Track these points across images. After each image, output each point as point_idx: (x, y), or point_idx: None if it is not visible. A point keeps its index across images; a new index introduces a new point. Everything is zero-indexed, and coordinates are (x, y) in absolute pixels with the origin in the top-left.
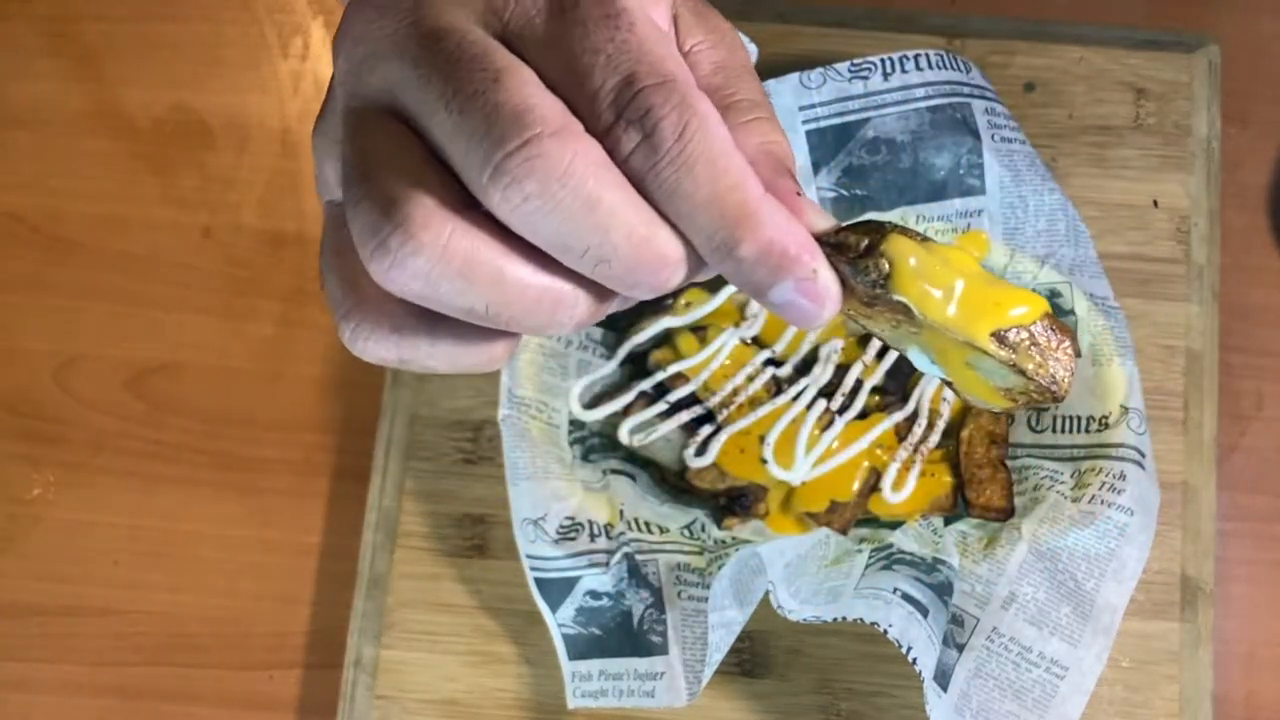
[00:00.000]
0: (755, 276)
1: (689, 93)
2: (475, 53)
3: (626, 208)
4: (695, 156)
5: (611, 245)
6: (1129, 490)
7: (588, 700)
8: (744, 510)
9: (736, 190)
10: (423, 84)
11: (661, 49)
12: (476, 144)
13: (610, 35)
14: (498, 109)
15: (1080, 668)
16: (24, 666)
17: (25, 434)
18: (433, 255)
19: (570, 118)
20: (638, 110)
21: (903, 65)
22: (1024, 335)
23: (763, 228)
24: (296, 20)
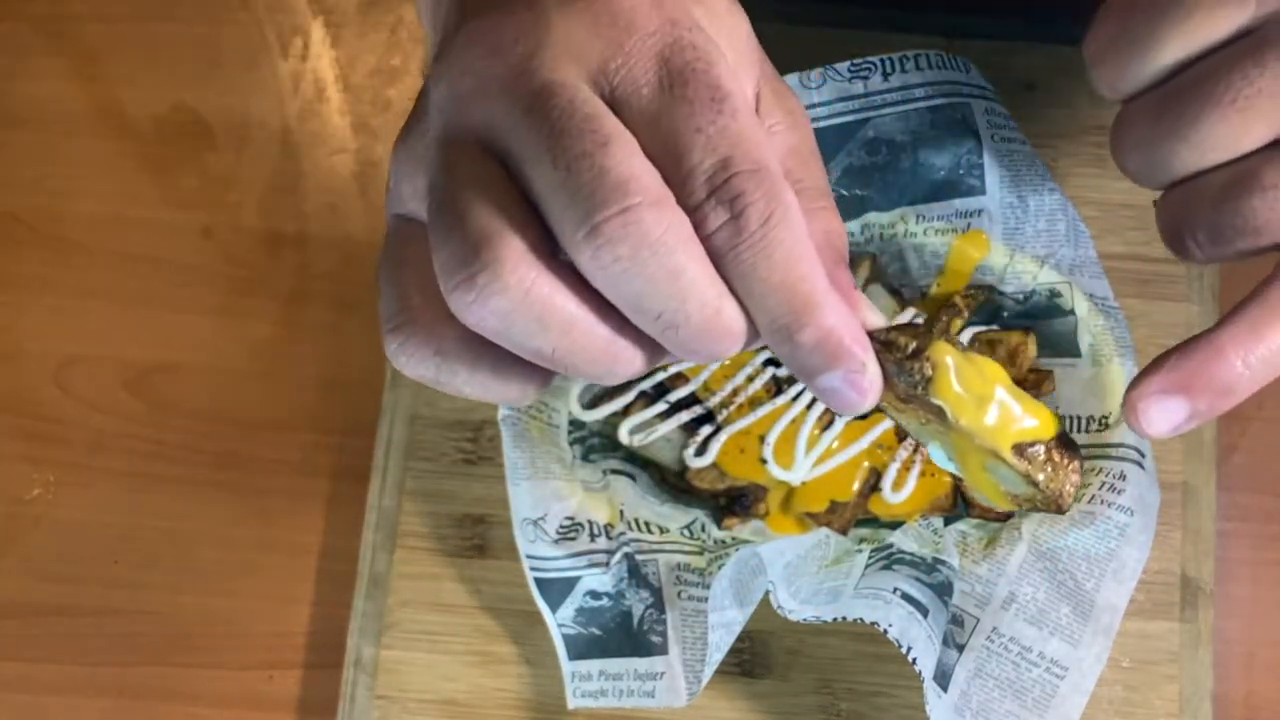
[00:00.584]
0: (809, 361)
1: (777, 182)
2: (587, 113)
3: (704, 280)
4: (775, 243)
5: (685, 313)
6: (1129, 490)
7: (587, 700)
8: (744, 510)
9: (806, 280)
10: (531, 132)
11: (758, 136)
12: (579, 202)
13: (713, 118)
14: (604, 173)
15: (1080, 668)
16: (23, 666)
17: (25, 434)
18: (515, 298)
19: (666, 190)
20: (729, 192)
21: (903, 65)
22: (1040, 450)
23: (825, 319)
24: (296, 20)
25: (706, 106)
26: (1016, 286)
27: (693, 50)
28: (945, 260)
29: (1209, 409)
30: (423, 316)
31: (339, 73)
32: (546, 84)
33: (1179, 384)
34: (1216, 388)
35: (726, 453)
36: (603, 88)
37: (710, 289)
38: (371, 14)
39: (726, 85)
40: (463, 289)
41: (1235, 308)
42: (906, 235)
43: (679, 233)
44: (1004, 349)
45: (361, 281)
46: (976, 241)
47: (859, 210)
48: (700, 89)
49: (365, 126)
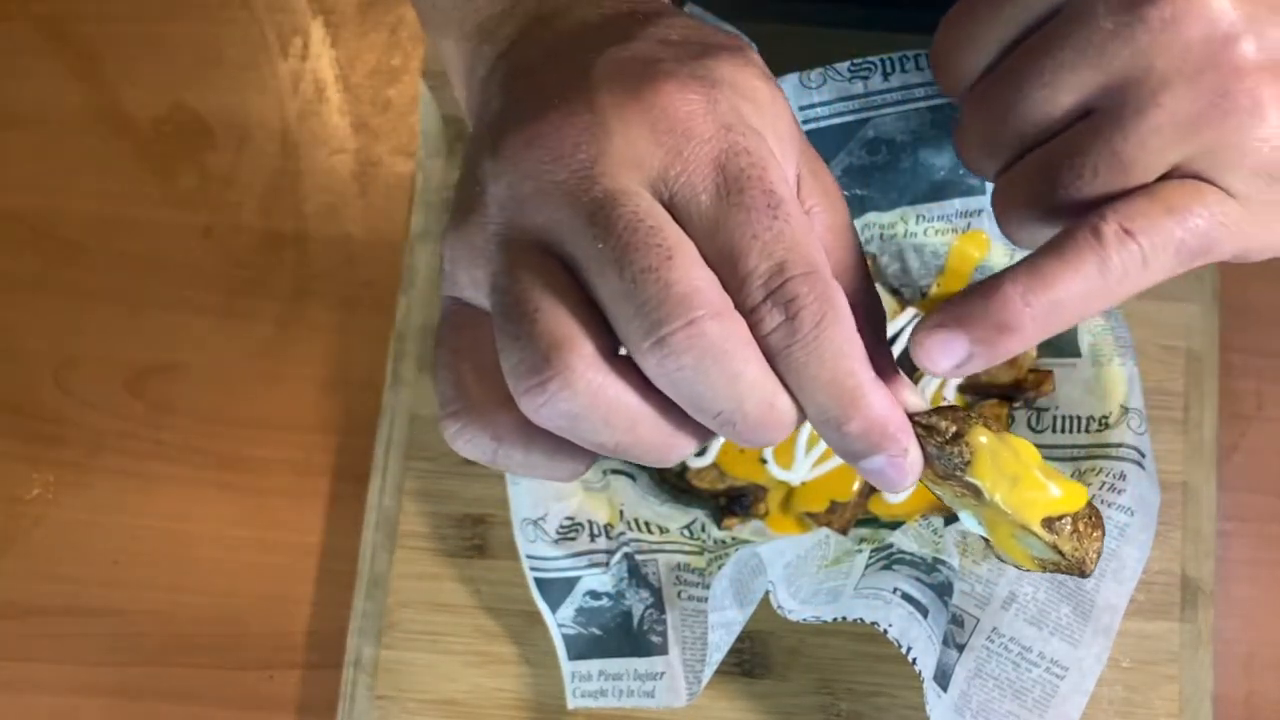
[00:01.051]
0: (855, 448)
1: (829, 285)
2: (651, 225)
3: (760, 380)
4: (826, 344)
5: (744, 412)
6: (1129, 490)
7: (587, 700)
8: (744, 510)
9: (853, 375)
10: (596, 243)
11: (810, 239)
12: (646, 315)
13: (768, 224)
14: (669, 288)
15: (1080, 668)
16: (24, 666)
17: (25, 434)
18: (584, 402)
19: (726, 299)
20: (784, 296)
21: (903, 65)
22: (1067, 523)
23: (871, 411)
24: (296, 20)
25: (762, 213)
26: None
27: (746, 156)
28: (945, 260)
29: (990, 347)
30: (480, 404)
31: (339, 72)
32: (610, 193)
33: (957, 319)
34: (993, 323)
35: (726, 453)
36: (662, 194)
37: (765, 386)
38: (371, 14)
39: (779, 190)
40: (534, 393)
41: (1031, 254)
42: (907, 235)
43: (738, 339)
44: None
45: (361, 281)
46: (977, 241)
47: (859, 210)
48: (756, 195)
49: (365, 126)
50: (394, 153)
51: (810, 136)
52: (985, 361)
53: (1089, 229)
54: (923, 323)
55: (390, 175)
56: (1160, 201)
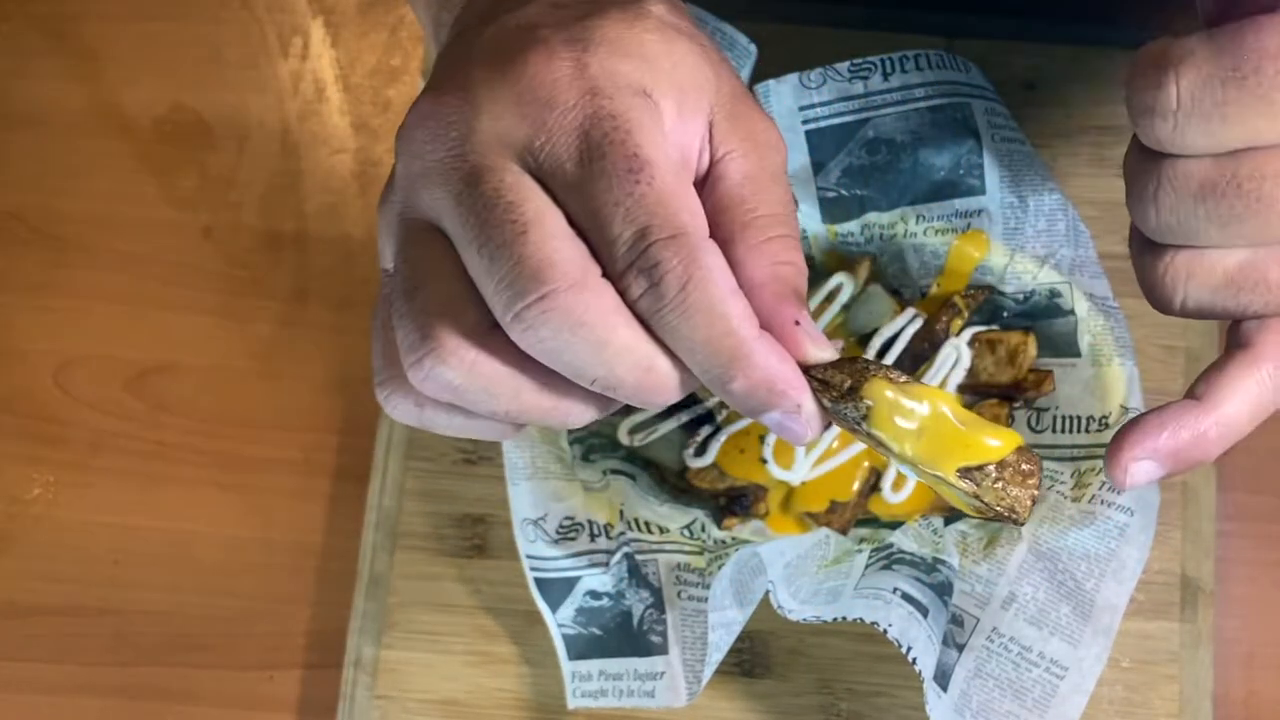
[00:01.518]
0: (745, 405)
1: (696, 246)
2: (509, 200)
3: (631, 344)
4: (694, 306)
5: (618, 377)
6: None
7: (587, 700)
8: (744, 510)
9: (730, 336)
10: (461, 222)
11: (677, 201)
12: (502, 290)
13: (629, 189)
14: (521, 262)
15: (1080, 668)
16: (24, 666)
17: (25, 434)
18: (460, 375)
19: (588, 267)
20: (647, 261)
21: (903, 65)
22: (989, 471)
23: (753, 369)
24: (296, 20)
25: (623, 178)
26: (1016, 286)
27: (610, 120)
28: (945, 260)
29: (1180, 472)
30: (404, 373)
31: (339, 72)
32: (473, 170)
33: (1166, 455)
34: (1194, 461)
35: (726, 453)
36: (530, 165)
37: (638, 350)
38: (371, 14)
39: (645, 152)
40: (414, 369)
41: (1213, 382)
42: (906, 235)
43: (600, 308)
44: (1004, 349)
45: (361, 280)
46: (976, 241)
47: (859, 210)
48: (617, 160)
49: (365, 126)
50: (394, 152)
51: (810, 136)
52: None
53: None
54: (1129, 444)
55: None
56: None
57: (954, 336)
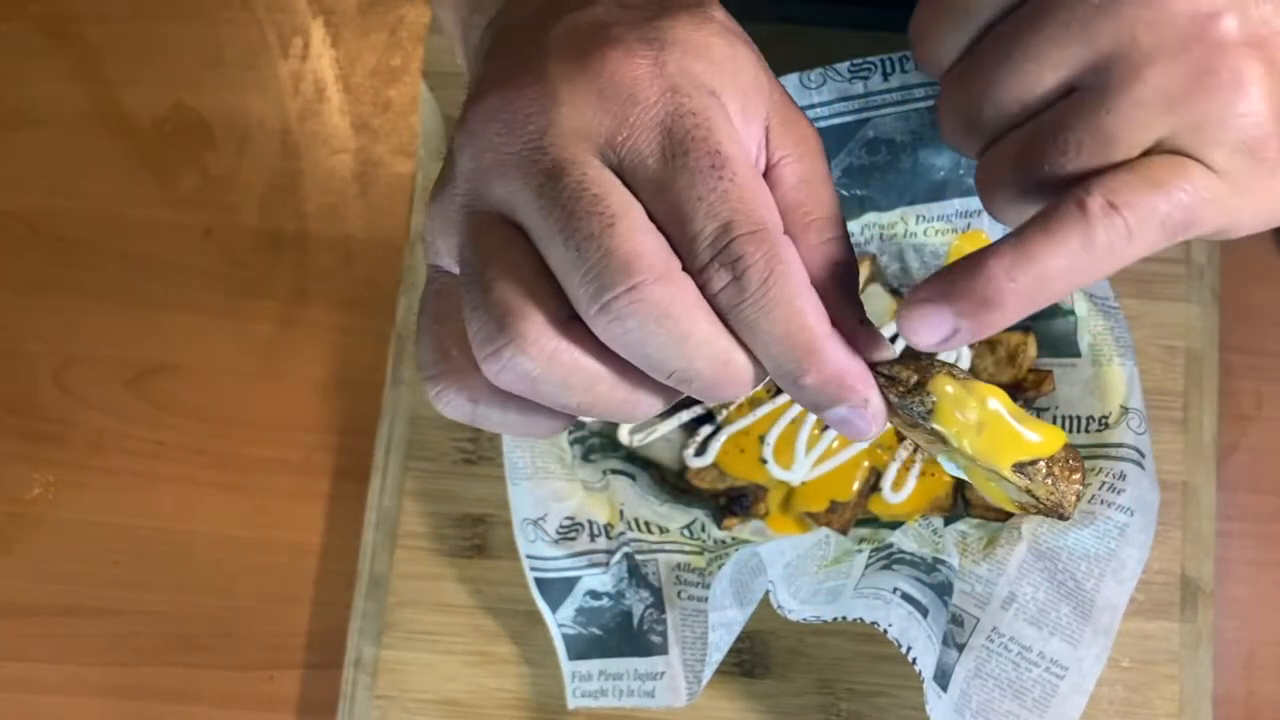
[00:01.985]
0: (815, 399)
1: (777, 242)
2: (594, 193)
3: (711, 338)
4: (775, 301)
5: (696, 370)
6: (1129, 490)
7: (588, 700)
8: (744, 510)
9: (806, 331)
10: (544, 214)
11: (757, 198)
12: (589, 281)
13: (713, 185)
14: (610, 254)
15: (1080, 667)
16: (24, 666)
17: (26, 434)
18: (539, 365)
19: (672, 261)
20: (730, 255)
21: (903, 65)
22: (1041, 466)
23: (826, 364)
24: (296, 20)
25: (707, 174)
26: None
27: (692, 117)
28: (945, 260)
29: (974, 321)
30: (458, 367)
31: (339, 73)
32: (556, 164)
33: (943, 293)
34: (978, 298)
35: (726, 453)
36: (610, 160)
37: (717, 344)
38: (372, 14)
39: (725, 149)
40: (492, 359)
41: (1015, 229)
42: (906, 235)
43: (684, 301)
44: (1004, 349)
45: (362, 280)
46: (976, 241)
47: (859, 210)
48: (700, 156)
49: (365, 126)
50: (394, 153)
51: None
52: (970, 336)
53: (1074, 203)
54: (909, 296)
55: (390, 175)
56: (1144, 176)
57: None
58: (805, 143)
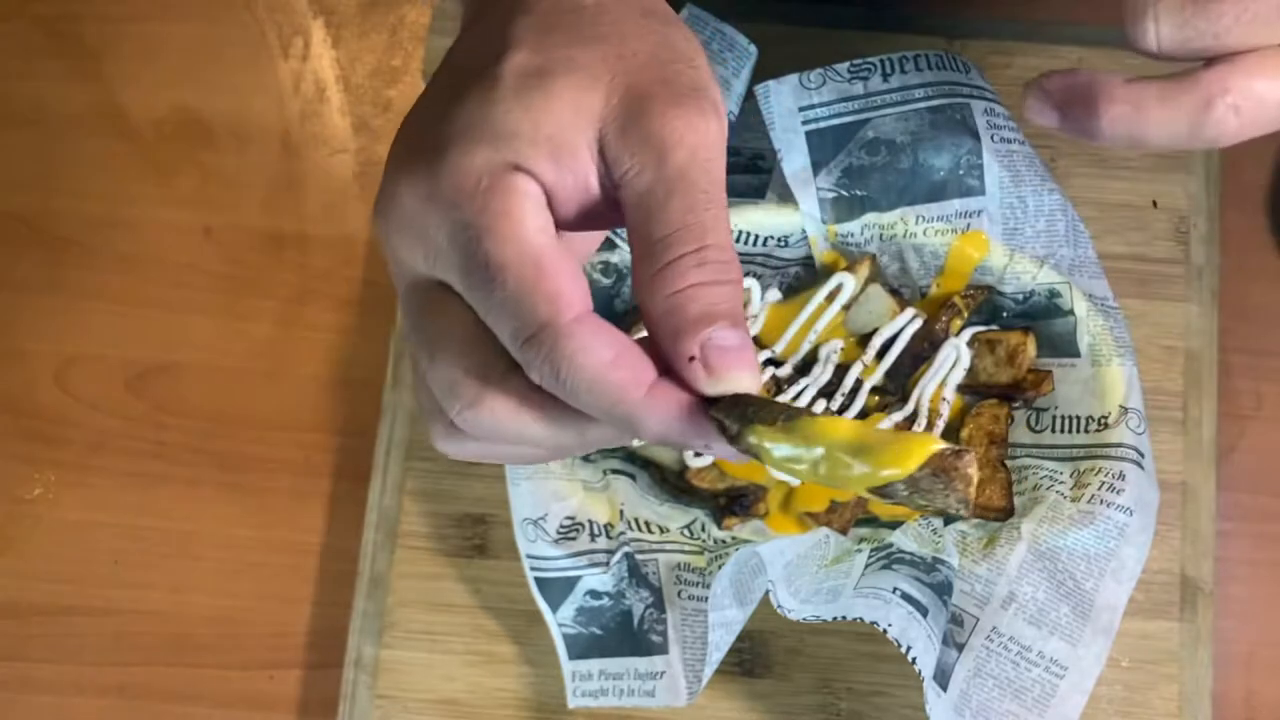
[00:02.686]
0: (660, 442)
1: (557, 336)
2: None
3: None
4: (576, 388)
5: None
6: (1128, 490)
7: (588, 700)
8: (744, 510)
9: (619, 405)
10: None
11: (531, 299)
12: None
13: (489, 298)
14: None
15: (1080, 667)
16: (24, 666)
17: (26, 434)
18: (494, 419)
19: (489, 373)
20: (525, 361)
21: (902, 66)
22: (899, 489)
23: (647, 428)
24: (297, 21)
25: (484, 290)
26: (1016, 287)
27: (464, 232)
28: (945, 260)
29: (1066, 120)
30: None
31: (339, 73)
32: (404, 292)
33: (1060, 92)
34: (1080, 114)
35: None
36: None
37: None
38: (372, 15)
39: (493, 257)
40: (459, 421)
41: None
42: (906, 235)
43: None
44: (1004, 349)
45: (362, 281)
46: (976, 242)
47: (859, 210)
48: (474, 273)
49: (366, 127)
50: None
51: (810, 137)
52: (1066, 129)
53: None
54: (1041, 75)
55: None
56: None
57: (954, 336)
58: (648, 142)
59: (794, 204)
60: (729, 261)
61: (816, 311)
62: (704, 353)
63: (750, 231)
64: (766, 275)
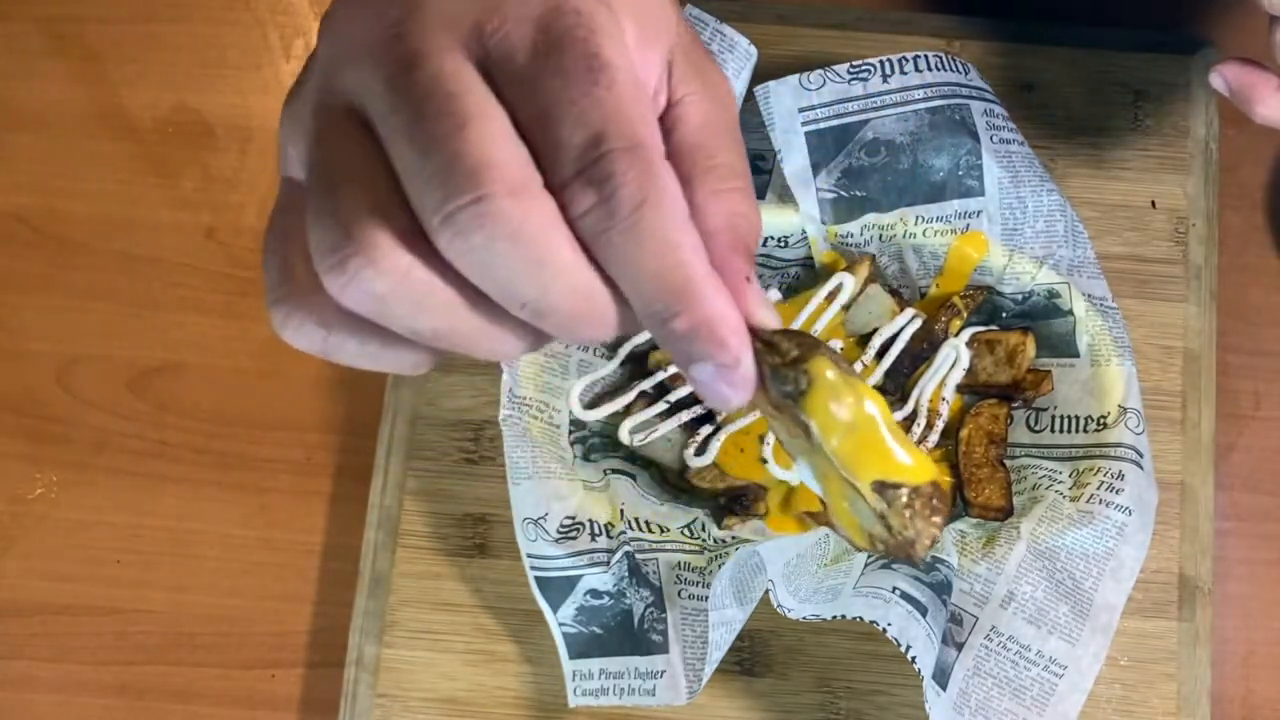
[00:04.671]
0: (681, 348)
1: (654, 162)
2: (447, 90)
3: (569, 266)
4: (647, 228)
5: (550, 302)
6: (1127, 490)
7: (588, 699)
8: (744, 510)
9: (682, 267)
10: (390, 108)
11: (636, 111)
12: (432, 188)
13: (587, 89)
14: (456, 159)
15: (1078, 666)
16: (26, 665)
17: (28, 434)
18: (390, 282)
19: (530, 174)
20: (600, 173)
21: (902, 67)
22: (903, 493)
23: (700, 307)
24: (298, 22)
25: (582, 77)
26: (1015, 287)
27: (575, 16)
28: (944, 261)
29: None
30: (306, 288)
31: None
32: (411, 54)
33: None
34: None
35: (726, 452)
36: (476, 51)
37: (578, 275)
38: None
39: (606, 54)
40: (335, 273)
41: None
42: (906, 236)
43: (540, 220)
44: (1003, 349)
45: None
46: (975, 242)
47: (859, 211)
48: (577, 58)
49: None
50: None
51: (810, 138)
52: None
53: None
54: (1226, 60)
55: None
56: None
57: (953, 336)
58: (716, 88)
59: (794, 204)
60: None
61: (816, 312)
62: (753, 282)
63: None
64: (766, 275)
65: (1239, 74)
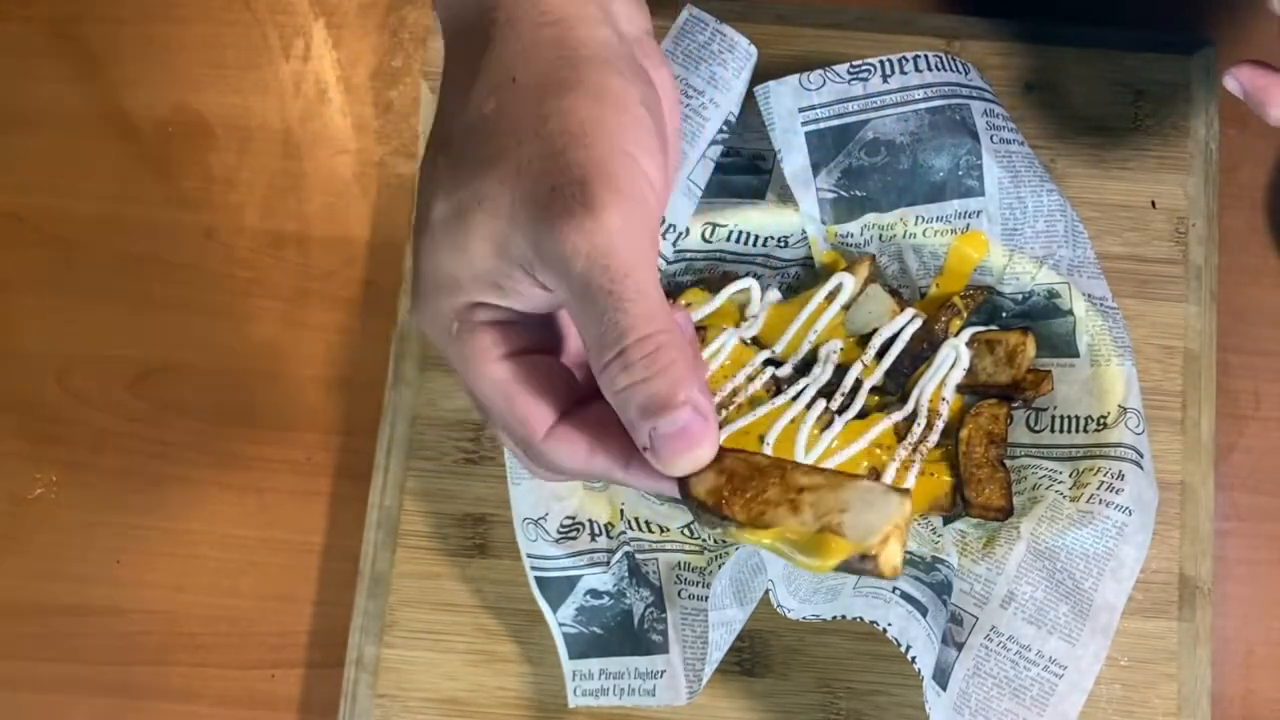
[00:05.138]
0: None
1: (539, 454)
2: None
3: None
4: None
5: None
6: (1127, 490)
7: (588, 699)
8: None
9: (611, 478)
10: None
11: (508, 423)
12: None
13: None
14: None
15: (1079, 666)
16: (26, 665)
17: (28, 434)
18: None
19: None
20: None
21: (902, 67)
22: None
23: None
24: (298, 22)
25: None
26: (1015, 287)
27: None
28: (944, 261)
29: (1254, 108)
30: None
31: (340, 74)
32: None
33: (1248, 79)
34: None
35: None
36: None
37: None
38: (373, 16)
39: (475, 394)
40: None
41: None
42: (906, 236)
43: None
44: (1003, 349)
45: (362, 281)
46: (975, 242)
47: (859, 211)
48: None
49: (366, 127)
50: (395, 154)
51: (810, 138)
52: (1250, 104)
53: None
54: (1241, 62)
55: (392, 176)
56: None
57: (953, 336)
58: (551, 266)
59: (794, 204)
60: (655, 349)
61: (816, 311)
62: (653, 444)
63: (750, 232)
64: (766, 275)
65: (1253, 76)
